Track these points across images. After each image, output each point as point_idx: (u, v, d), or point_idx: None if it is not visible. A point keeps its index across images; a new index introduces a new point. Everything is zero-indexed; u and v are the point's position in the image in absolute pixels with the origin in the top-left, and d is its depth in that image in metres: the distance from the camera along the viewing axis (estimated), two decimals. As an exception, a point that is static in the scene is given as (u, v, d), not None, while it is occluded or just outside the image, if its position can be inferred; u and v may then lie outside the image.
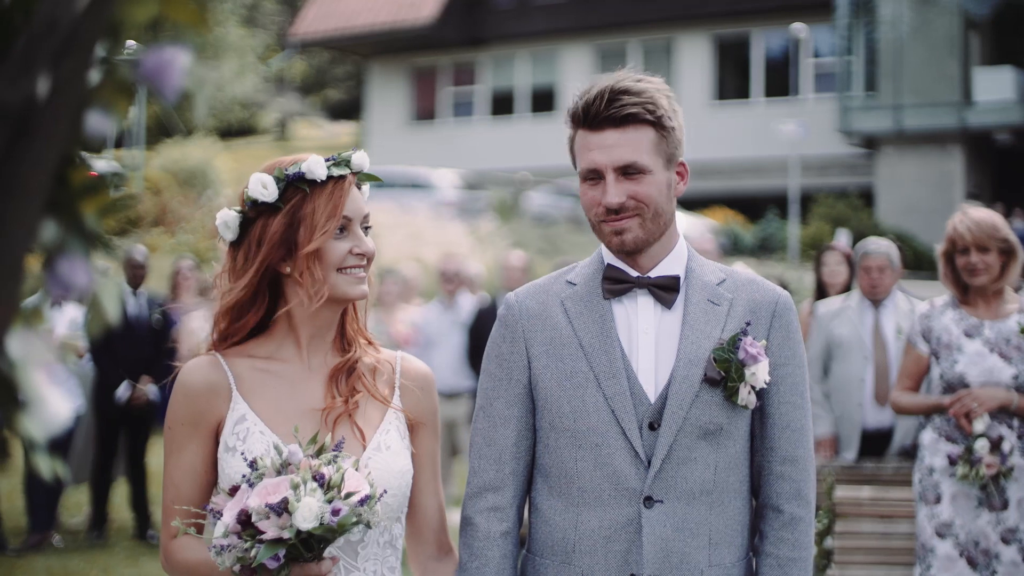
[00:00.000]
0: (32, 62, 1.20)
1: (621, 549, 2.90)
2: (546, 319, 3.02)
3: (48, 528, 9.81)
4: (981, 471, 5.46)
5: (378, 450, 2.88)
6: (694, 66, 35.38)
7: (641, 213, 2.92)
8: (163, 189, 25.49)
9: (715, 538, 2.94)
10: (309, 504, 2.51)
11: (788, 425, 3.00)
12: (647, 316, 2.98)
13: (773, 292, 3.06)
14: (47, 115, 1.20)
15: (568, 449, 2.95)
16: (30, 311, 1.27)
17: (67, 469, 9.55)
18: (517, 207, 29.20)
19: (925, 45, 31.61)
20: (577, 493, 2.94)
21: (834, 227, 26.41)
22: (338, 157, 2.92)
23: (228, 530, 2.57)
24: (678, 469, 2.89)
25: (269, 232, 2.84)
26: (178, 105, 1.35)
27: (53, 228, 1.26)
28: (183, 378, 2.90)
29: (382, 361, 3.05)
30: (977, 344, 5.63)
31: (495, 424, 3.03)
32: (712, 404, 2.91)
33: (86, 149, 1.29)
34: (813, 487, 3.05)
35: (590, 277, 3.05)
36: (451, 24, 37.05)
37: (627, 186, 2.92)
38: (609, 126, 2.92)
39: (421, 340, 10.57)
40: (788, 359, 3.02)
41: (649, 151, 2.92)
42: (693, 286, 3.01)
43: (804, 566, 2.99)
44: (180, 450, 2.87)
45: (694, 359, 2.92)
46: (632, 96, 2.93)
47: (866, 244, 8.03)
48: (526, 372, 3.02)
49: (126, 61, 1.29)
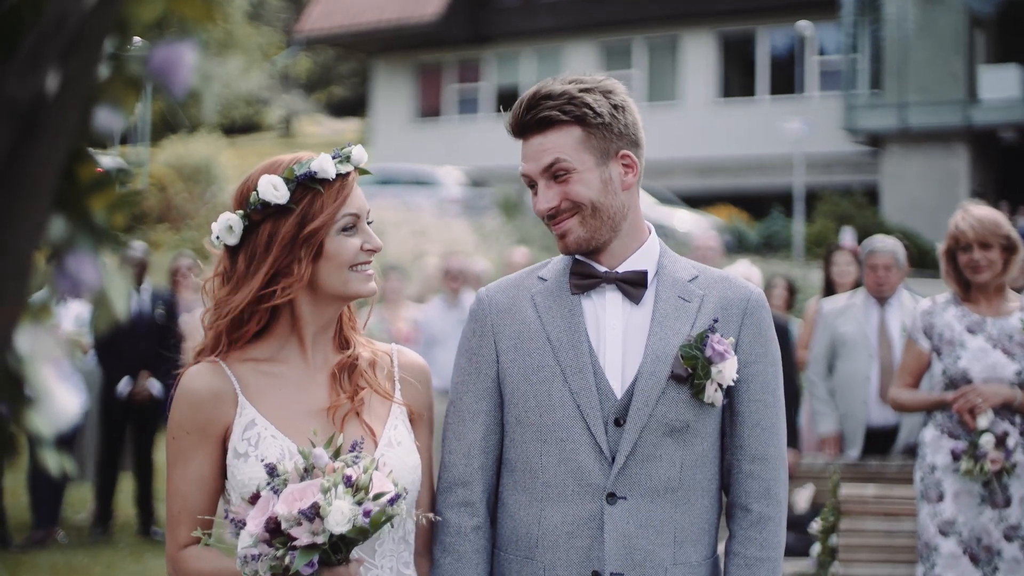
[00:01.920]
0: (41, 59, 1.20)
1: (584, 545, 2.89)
2: (515, 314, 3.02)
3: (52, 524, 9.82)
4: (986, 466, 5.46)
5: (390, 446, 2.87)
6: (699, 64, 35.34)
7: (579, 211, 2.93)
8: (168, 185, 25.51)
9: (680, 536, 2.93)
10: (340, 508, 2.50)
11: (758, 423, 2.99)
12: (615, 311, 2.98)
13: (745, 290, 3.05)
14: (56, 111, 1.20)
15: (533, 444, 2.95)
16: (38, 307, 1.27)
17: (74, 465, 9.56)
18: (522, 204, 29.18)
19: (930, 43, 31.56)
20: (541, 488, 2.94)
21: (839, 225, 26.37)
22: (341, 153, 2.88)
23: (257, 539, 2.55)
24: (642, 466, 2.89)
25: (280, 235, 2.80)
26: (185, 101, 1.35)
27: (61, 224, 1.26)
28: (186, 386, 2.85)
29: (379, 355, 3.03)
30: (980, 340, 5.64)
31: (464, 419, 3.03)
32: (679, 401, 2.90)
33: (94, 145, 1.29)
34: (784, 486, 3.03)
35: (560, 272, 3.05)
36: (456, 21, 37.03)
37: (558, 188, 2.94)
38: (531, 131, 2.96)
39: (424, 338, 10.56)
40: (759, 357, 3.00)
41: (574, 149, 2.93)
42: (663, 282, 3.00)
43: (772, 566, 2.97)
44: (187, 459, 2.83)
45: (662, 355, 2.91)
46: (551, 100, 2.94)
47: (872, 242, 8.02)
48: (494, 366, 3.02)
49: (134, 57, 1.29)
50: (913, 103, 31.34)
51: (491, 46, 38.06)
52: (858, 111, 32.40)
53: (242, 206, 2.86)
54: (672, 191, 31.06)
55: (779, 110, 33.14)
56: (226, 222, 2.86)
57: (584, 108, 2.93)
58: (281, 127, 52.39)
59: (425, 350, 10.55)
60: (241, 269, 2.85)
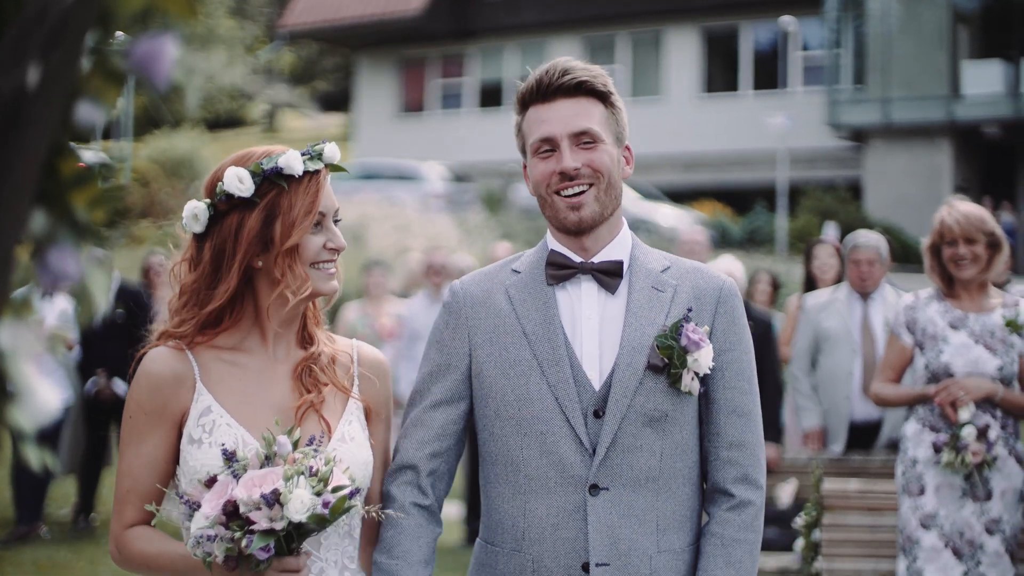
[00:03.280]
0: (23, 52, 1.19)
1: (569, 536, 2.91)
2: (490, 307, 3.03)
3: (35, 520, 9.79)
4: (967, 458, 5.48)
5: (343, 441, 2.88)
6: (682, 59, 35.37)
7: (596, 183, 2.96)
8: (151, 180, 25.45)
9: (663, 524, 2.94)
10: (301, 496, 2.52)
11: (734, 410, 3.01)
12: (591, 302, 3.00)
13: (717, 279, 3.07)
14: (37, 105, 1.19)
15: (513, 437, 2.96)
16: (20, 302, 1.27)
17: (56, 460, 9.53)
18: (505, 199, 29.20)
19: (914, 38, 31.65)
20: (524, 481, 2.95)
21: (822, 220, 26.42)
22: (312, 150, 2.87)
23: (214, 520, 2.56)
24: (623, 457, 2.90)
25: (246, 228, 2.81)
26: (167, 95, 1.34)
27: (43, 219, 1.26)
28: (147, 367, 2.86)
29: (340, 351, 3.03)
30: (962, 336, 5.66)
31: (426, 408, 3.03)
32: (656, 391, 2.92)
33: (76, 139, 1.28)
34: (762, 472, 3.05)
35: (534, 264, 3.07)
36: (440, 16, 36.99)
37: (582, 154, 2.96)
38: (561, 95, 2.98)
39: (407, 332, 10.55)
40: (733, 344, 3.02)
41: (600, 122, 2.99)
42: (637, 273, 3.02)
43: (749, 548, 2.99)
44: (141, 440, 2.83)
45: (638, 346, 2.93)
46: (582, 70, 2.99)
47: (855, 237, 8.03)
48: (466, 360, 3.03)
49: (116, 51, 1.29)
50: (896, 98, 31.42)
51: (475, 41, 38.04)
52: (841, 106, 32.47)
53: (210, 195, 2.87)
54: (655, 186, 31.11)
55: (762, 105, 33.19)
56: (192, 210, 2.87)
57: (609, 88, 3.02)
58: (265, 122, 52.30)
59: (408, 345, 10.55)
60: (207, 257, 2.85)
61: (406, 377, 10.62)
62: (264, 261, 2.83)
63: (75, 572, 8.85)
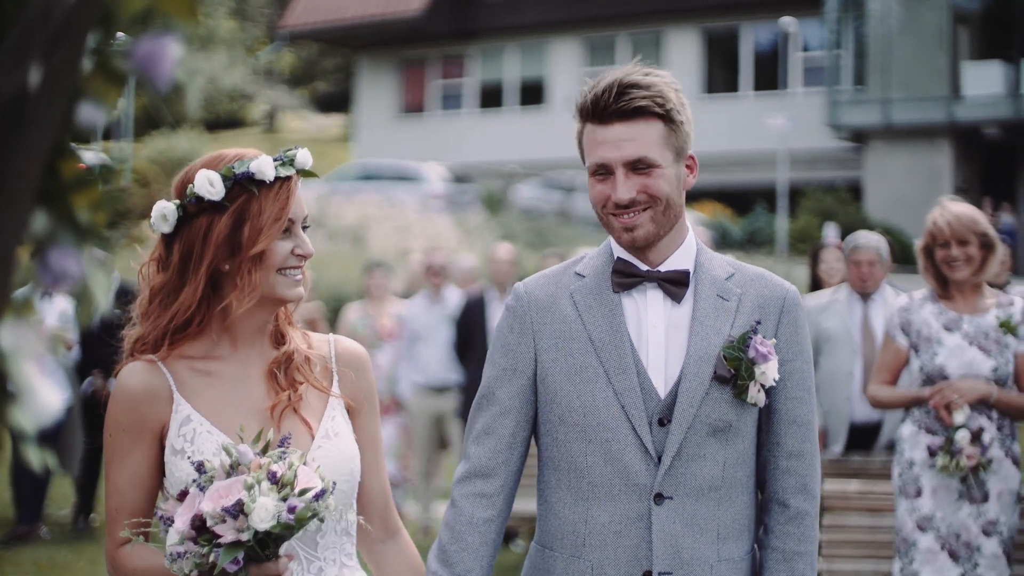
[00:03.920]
0: (24, 52, 1.20)
1: (631, 544, 2.90)
2: (555, 311, 3.00)
3: (35, 520, 9.79)
4: (961, 462, 5.48)
5: (327, 438, 2.86)
6: (683, 59, 35.36)
7: (652, 207, 2.90)
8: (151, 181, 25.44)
9: (723, 533, 2.94)
10: (265, 504, 2.48)
11: (795, 420, 3.00)
12: (656, 310, 2.97)
13: (782, 287, 3.05)
14: (39, 106, 1.20)
15: (577, 443, 2.95)
16: (21, 302, 1.27)
17: (56, 460, 9.53)
18: (505, 200, 29.22)
19: (914, 39, 31.65)
20: (587, 487, 2.94)
21: (822, 221, 26.45)
22: (284, 156, 2.84)
23: (183, 536, 2.53)
24: (688, 466, 2.89)
25: (214, 232, 2.78)
26: (168, 96, 1.35)
27: (44, 219, 1.26)
28: (121, 383, 2.84)
29: (316, 347, 3.01)
30: (956, 338, 5.66)
31: (495, 413, 3.02)
32: (721, 401, 2.90)
33: (77, 140, 1.28)
34: (818, 481, 3.05)
35: (600, 269, 3.03)
36: (440, 16, 36.99)
37: (637, 180, 2.89)
38: (618, 119, 2.90)
39: (407, 333, 10.55)
40: (796, 354, 3.01)
41: (658, 145, 2.90)
42: (702, 281, 2.99)
43: (809, 560, 3.00)
44: (123, 457, 2.83)
45: (704, 356, 2.91)
46: (641, 89, 2.89)
47: (856, 238, 8.03)
48: (532, 364, 3.01)
49: (118, 51, 1.29)
50: (897, 99, 31.43)
51: (475, 41, 38.04)
52: (842, 107, 32.48)
53: (180, 196, 2.84)
54: (656, 187, 31.04)
55: (763, 106, 33.21)
56: (162, 210, 2.83)
57: (670, 104, 2.92)
58: (265, 122, 52.30)
59: (408, 346, 10.55)
60: (176, 259, 2.82)
61: (406, 377, 10.62)
62: (231, 265, 2.80)
63: (75, 572, 8.85)
